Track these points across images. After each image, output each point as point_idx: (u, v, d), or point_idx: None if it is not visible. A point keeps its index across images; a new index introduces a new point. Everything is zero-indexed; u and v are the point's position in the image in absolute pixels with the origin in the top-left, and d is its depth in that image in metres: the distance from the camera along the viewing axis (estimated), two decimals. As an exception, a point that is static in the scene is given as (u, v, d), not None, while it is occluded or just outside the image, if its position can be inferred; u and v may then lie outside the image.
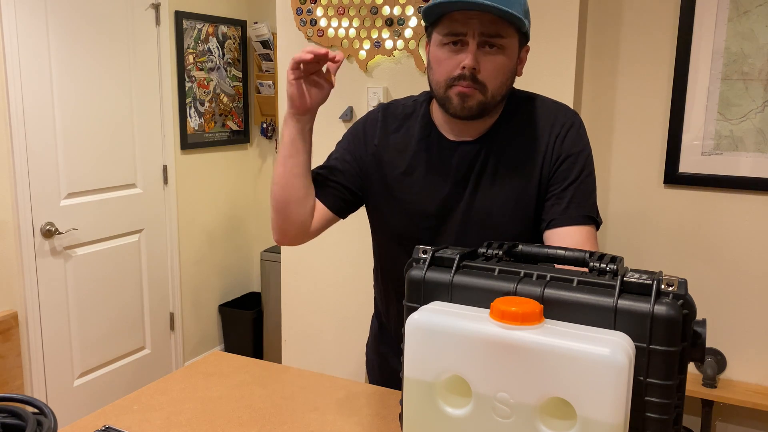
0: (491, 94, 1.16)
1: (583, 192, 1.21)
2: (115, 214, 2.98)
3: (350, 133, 1.37)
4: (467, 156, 1.24)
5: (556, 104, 1.27)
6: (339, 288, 2.66)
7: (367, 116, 1.37)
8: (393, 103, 1.35)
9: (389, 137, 1.30)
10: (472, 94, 1.15)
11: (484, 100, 1.16)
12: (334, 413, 1.17)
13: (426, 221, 1.27)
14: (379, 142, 1.31)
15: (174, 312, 3.37)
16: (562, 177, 1.21)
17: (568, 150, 1.21)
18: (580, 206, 1.20)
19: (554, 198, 1.21)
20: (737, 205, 2.29)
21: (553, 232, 1.20)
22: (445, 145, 1.25)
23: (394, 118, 1.31)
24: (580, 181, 1.21)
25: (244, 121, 3.72)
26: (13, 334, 2.57)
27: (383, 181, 1.30)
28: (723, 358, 2.37)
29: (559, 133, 1.22)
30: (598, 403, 0.74)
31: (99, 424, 1.12)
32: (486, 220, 1.24)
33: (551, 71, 2.23)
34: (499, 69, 1.15)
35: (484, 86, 1.15)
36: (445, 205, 1.25)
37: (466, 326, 0.82)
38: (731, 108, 2.25)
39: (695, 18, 2.25)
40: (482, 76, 1.14)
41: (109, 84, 2.89)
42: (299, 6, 2.57)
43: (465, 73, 1.13)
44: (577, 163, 1.21)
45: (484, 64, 1.14)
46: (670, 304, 0.79)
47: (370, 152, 1.31)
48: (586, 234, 1.18)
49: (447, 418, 0.85)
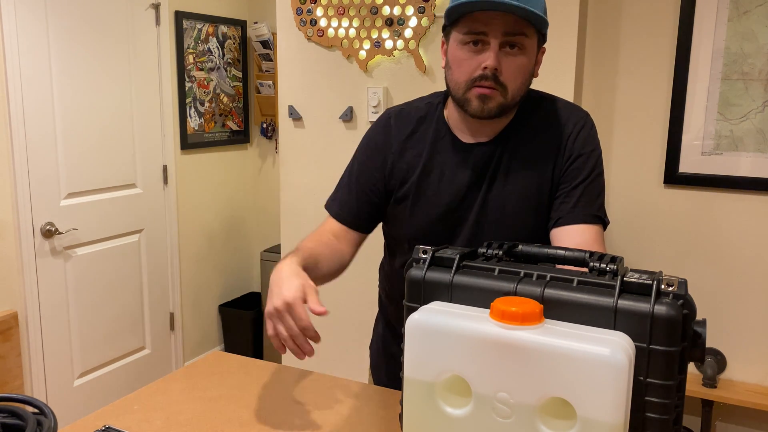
0: (511, 96, 1.16)
1: (591, 191, 1.21)
2: (115, 214, 2.98)
3: (364, 152, 1.34)
4: (482, 157, 1.23)
5: (569, 105, 1.28)
6: (339, 288, 2.65)
7: (378, 126, 1.34)
8: (404, 108, 1.33)
9: (405, 142, 1.29)
10: (493, 96, 1.14)
11: (504, 102, 1.16)
12: (334, 413, 1.17)
13: (440, 224, 1.27)
14: (395, 150, 1.30)
15: (174, 312, 3.37)
16: (572, 176, 1.21)
17: (580, 149, 1.22)
18: (588, 205, 1.20)
19: (563, 196, 1.21)
20: (737, 205, 2.29)
21: (560, 230, 1.20)
22: (459, 147, 1.25)
23: (408, 123, 1.30)
24: (590, 181, 1.21)
25: (244, 121, 3.72)
26: (13, 334, 2.57)
27: (401, 187, 1.29)
28: (723, 358, 2.37)
29: (571, 133, 1.22)
30: (598, 403, 0.74)
31: (99, 424, 1.12)
32: (500, 220, 1.24)
33: (551, 71, 2.23)
34: (519, 70, 1.15)
35: (505, 88, 1.14)
36: (460, 207, 1.25)
37: (466, 326, 0.82)
38: (731, 108, 2.25)
39: (695, 18, 2.25)
40: (504, 78, 1.14)
41: (109, 84, 2.89)
42: (299, 6, 2.57)
43: (487, 74, 1.12)
44: (588, 162, 1.22)
45: (505, 65, 1.13)
46: (670, 304, 0.79)
47: (389, 162, 1.30)
48: (593, 233, 1.19)
49: (447, 418, 0.85)
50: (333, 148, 2.63)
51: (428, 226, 1.28)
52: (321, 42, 2.56)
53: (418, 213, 1.29)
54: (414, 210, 1.29)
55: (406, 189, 1.29)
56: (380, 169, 1.31)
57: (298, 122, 2.69)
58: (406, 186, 1.29)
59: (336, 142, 2.62)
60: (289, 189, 2.74)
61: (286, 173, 2.74)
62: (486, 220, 1.25)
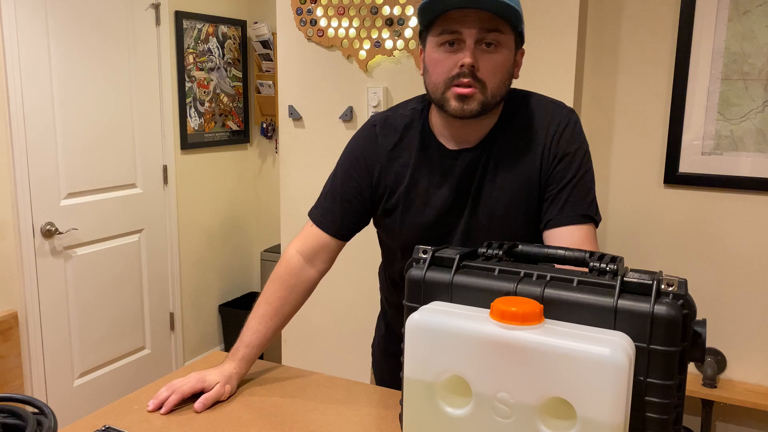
0: (491, 93, 1.15)
1: (579, 191, 1.20)
2: (115, 214, 2.98)
3: (349, 160, 1.33)
4: (468, 164, 1.23)
5: (552, 103, 1.26)
6: (339, 288, 2.66)
7: (364, 135, 1.33)
8: (390, 115, 1.32)
9: (392, 152, 1.28)
10: (472, 94, 1.14)
11: (484, 99, 1.15)
12: (334, 413, 1.17)
13: (431, 233, 1.26)
14: (382, 160, 1.29)
15: (174, 312, 3.37)
16: (558, 177, 1.21)
17: (564, 149, 1.21)
18: (577, 206, 1.19)
19: (551, 198, 1.21)
20: (737, 205, 2.29)
21: (551, 233, 1.20)
22: (445, 154, 1.24)
23: (394, 132, 1.29)
24: (577, 180, 1.20)
25: (244, 121, 3.72)
26: (13, 334, 2.57)
27: (389, 197, 1.29)
28: (723, 358, 2.37)
29: (555, 133, 1.21)
30: (598, 403, 0.74)
31: (99, 424, 1.12)
32: (490, 226, 1.24)
33: (551, 71, 2.23)
34: (497, 66, 1.14)
35: (484, 84, 1.14)
36: (449, 215, 1.25)
37: (466, 326, 0.82)
38: (731, 108, 2.25)
39: (695, 18, 2.24)
40: (481, 74, 1.13)
41: (109, 84, 2.89)
42: (299, 6, 2.57)
43: (464, 71, 1.12)
44: (573, 162, 1.21)
45: (482, 62, 1.13)
46: (670, 304, 0.79)
47: (376, 172, 1.29)
48: (584, 233, 1.18)
49: (447, 418, 0.85)
50: (333, 148, 2.63)
51: (419, 235, 1.27)
52: (321, 42, 2.56)
53: (408, 223, 1.28)
54: (404, 220, 1.28)
55: (394, 200, 1.28)
56: (366, 179, 1.30)
57: (298, 122, 2.69)
58: (394, 197, 1.28)
59: (336, 142, 2.62)
60: (289, 189, 2.74)
61: (286, 173, 2.74)
62: (476, 226, 1.24)
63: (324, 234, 1.33)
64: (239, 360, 1.26)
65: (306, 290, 1.35)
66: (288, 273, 1.32)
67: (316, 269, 1.35)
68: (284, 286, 1.31)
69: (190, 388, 1.19)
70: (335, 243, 1.34)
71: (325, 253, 1.34)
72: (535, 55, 2.25)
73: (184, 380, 1.21)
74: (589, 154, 1.24)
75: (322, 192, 1.37)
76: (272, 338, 1.32)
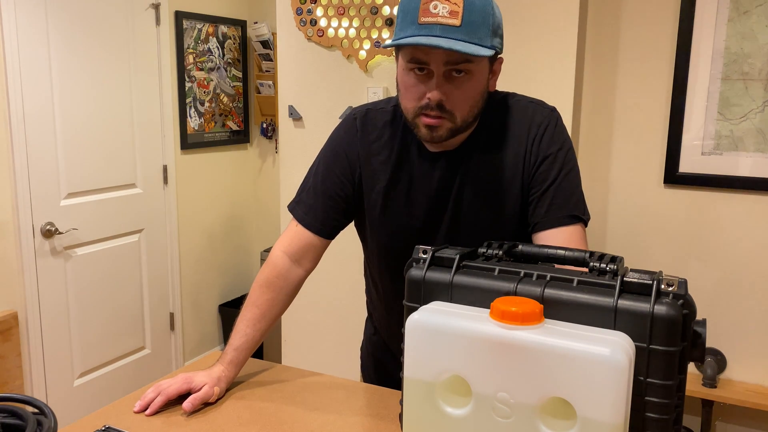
0: (461, 120, 1.13)
1: (564, 192, 1.18)
2: (115, 214, 2.98)
3: (330, 155, 1.32)
4: (449, 166, 1.21)
5: (532, 103, 1.24)
6: (339, 288, 2.66)
7: (344, 128, 1.31)
8: (371, 109, 1.30)
9: (371, 147, 1.26)
10: (440, 125, 1.12)
11: (453, 126, 1.13)
12: (334, 413, 1.17)
13: (412, 235, 1.25)
14: (362, 154, 1.27)
15: (174, 312, 3.37)
16: (541, 179, 1.19)
17: (546, 151, 1.19)
18: (562, 207, 1.18)
19: (536, 201, 1.19)
20: (737, 205, 2.29)
21: (538, 236, 1.19)
22: (426, 156, 1.22)
23: (373, 127, 1.27)
24: (560, 181, 1.18)
25: (244, 121, 3.72)
26: (13, 334, 2.57)
27: (368, 196, 1.27)
28: (723, 358, 2.37)
29: (536, 135, 1.19)
30: (598, 403, 0.74)
31: (99, 424, 1.12)
32: (473, 228, 1.22)
33: (551, 71, 2.23)
34: (466, 96, 1.12)
35: (452, 114, 1.11)
36: (431, 217, 1.24)
37: (466, 326, 0.82)
38: (731, 108, 2.25)
39: (695, 18, 2.25)
40: (450, 105, 1.10)
41: (109, 84, 2.89)
42: (299, 6, 2.57)
43: (431, 105, 1.10)
44: (555, 163, 1.19)
45: (450, 93, 1.10)
46: (670, 304, 0.79)
47: (357, 167, 1.28)
48: (570, 234, 1.17)
49: (447, 418, 0.85)
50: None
51: (398, 237, 1.26)
52: (321, 42, 2.56)
53: (386, 224, 1.27)
54: (383, 221, 1.27)
55: (373, 197, 1.26)
56: (348, 175, 1.28)
57: (298, 122, 2.69)
58: (373, 193, 1.26)
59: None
60: (289, 189, 2.74)
61: (286, 173, 2.74)
62: (458, 230, 1.23)
63: (309, 233, 1.31)
64: (228, 363, 1.26)
65: (293, 291, 1.34)
66: (276, 275, 1.31)
67: (303, 269, 1.34)
68: (272, 288, 1.31)
69: (176, 389, 1.19)
70: (321, 242, 1.32)
71: (312, 252, 1.33)
72: (535, 54, 2.25)
73: (170, 381, 1.21)
74: (573, 152, 1.22)
75: (303, 186, 1.35)
76: (261, 340, 1.32)
